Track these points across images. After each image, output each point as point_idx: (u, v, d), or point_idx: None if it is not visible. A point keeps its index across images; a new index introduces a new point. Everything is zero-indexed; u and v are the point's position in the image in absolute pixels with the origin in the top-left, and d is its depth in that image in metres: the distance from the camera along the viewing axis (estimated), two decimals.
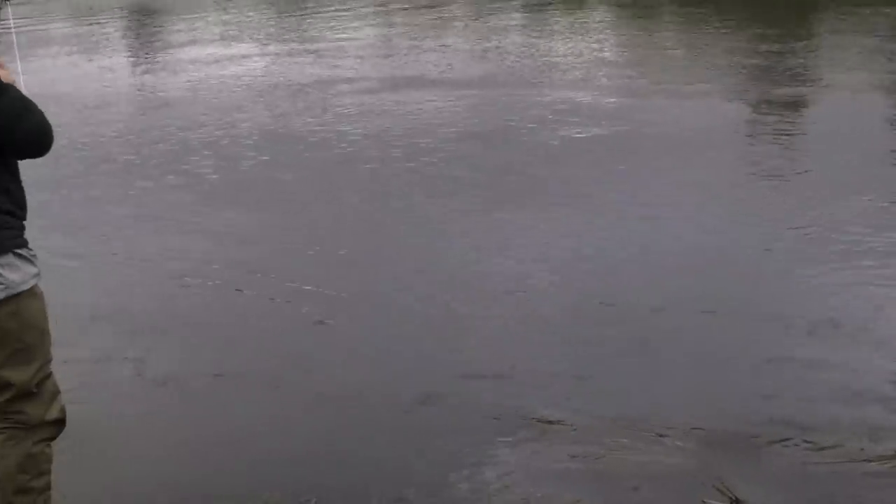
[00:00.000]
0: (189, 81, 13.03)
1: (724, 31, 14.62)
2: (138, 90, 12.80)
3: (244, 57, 14.82)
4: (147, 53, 15.97)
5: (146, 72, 14.21)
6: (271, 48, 15.63)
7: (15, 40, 3.45)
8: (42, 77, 12.37)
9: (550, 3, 18.89)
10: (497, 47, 14.31)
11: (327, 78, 12.67)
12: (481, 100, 10.76)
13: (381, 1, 20.69)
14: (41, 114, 3.11)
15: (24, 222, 3.21)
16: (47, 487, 3.23)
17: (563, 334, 5.08)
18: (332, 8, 20.45)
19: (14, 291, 3.09)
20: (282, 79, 12.79)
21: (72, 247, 6.40)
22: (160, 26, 19.87)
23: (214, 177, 8.39)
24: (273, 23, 19.11)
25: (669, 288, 5.54)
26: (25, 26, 18.62)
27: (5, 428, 3.19)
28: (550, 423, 4.12)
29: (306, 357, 5.02)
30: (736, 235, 6.34)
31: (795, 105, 9.94)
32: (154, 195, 7.96)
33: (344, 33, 16.84)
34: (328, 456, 4.02)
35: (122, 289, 6.03)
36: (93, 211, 7.43)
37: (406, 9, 19.58)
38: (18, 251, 3.13)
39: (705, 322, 5.14)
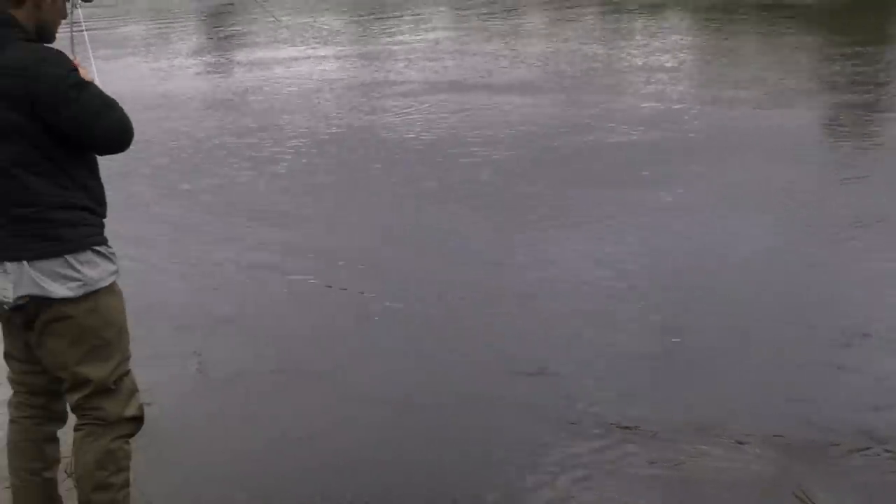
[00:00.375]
0: (241, 84, 13.03)
1: (791, 35, 14.44)
2: (187, 93, 12.77)
3: (294, 59, 14.82)
4: (203, 56, 15.97)
5: (199, 74, 14.22)
6: (322, 52, 15.59)
7: (87, 40, 3.40)
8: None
9: (628, 10, 18.63)
10: (544, 53, 14.19)
11: (373, 81, 12.63)
12: (517, 105, 10.64)
13: (460, 5, 20.55)
14: (121, 110, 3.05)
15: (104, 220, 3.16)
16: (126, 484, 3.17)
17: (622, 339, 4.95)
18: (407, 13, 20.28)
19: (92, 288, 3.04)
20: (330, 81, 12.77)
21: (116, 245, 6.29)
22: (227, 29, 19.79)
23: (253, 178, 8.35)
24: (340, 26, 19.00)
25: (715, 295, 5.44)
26: (93, 28, 18.71)
27: (84, 424, 3.14)
28: (629, 428, 4.02)
29: (356, 353, 4.97)
30: (787, 241, 6.22)
31: (860, 112, 9.70)
32: (196, 196, 7.93)
33: (402, 37, 16.79)
34: (392, 459, 3.94)
35: (170, 286, 6.00)
36: (136, 212, 7.41)
37: (482, 14, 19.36)
38: (97, 248, 3.08)
39: (762, 328, 5.01)
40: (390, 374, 4.71)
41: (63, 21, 3.24)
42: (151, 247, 6.63)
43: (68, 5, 3.48)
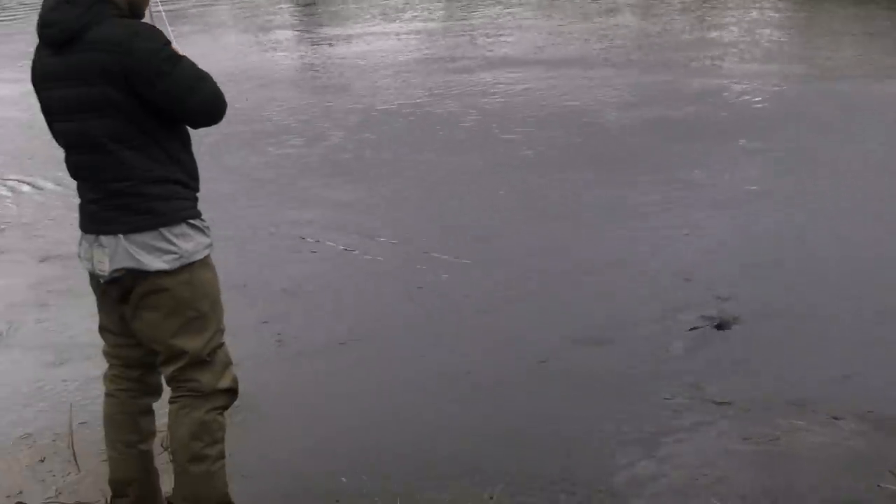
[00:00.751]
0: (302, 60, 12.96)
1: (881, 10, 13.98)
2: (248, 69, 12.66)
3: (357, 36, 14.71)
4: (270, 33, 15.87)
5: (265, 50, 14.14)
6: (385, 28, 15.46)
7: (164, 17, 3.30)
8: None
9: None
10: (604, 30, 13.92)
11: (430, 57, 12.48)
12: (567, 81, 10.41)
13: None
14: (214, 83, 2.99)
15: (197, 193, 3.10)
16: (221, 456, 3.11)
17: (696, 317, 4.77)
18: None
19: (187, 261, 2.99)
20: (388, 57, 12.63)
21: None
22: (309, 6, 19.55)
23: (306, 153, 8.28)
24: (407, 3, 18.73)
25: (775, 273, 5.27)
26: (173, 4, 18.64)
27: (178, 397, 3.09)
28: (722, 403, 3.88)
29: (430, 322, 4.89)
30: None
31: None
32: (250, 171, 7.84)
33: (464, 13, 16.56)
34: (483, 435, 3.81)
35: (240, 259, 5.91)
36: None
37: None
38: (192, 221, 3.03)
39: (827, 304, 4.83)
40: (470, 348, 4.61)
41: None
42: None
43: None
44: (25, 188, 7.76)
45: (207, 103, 2.98)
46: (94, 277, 3.08)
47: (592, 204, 6.56)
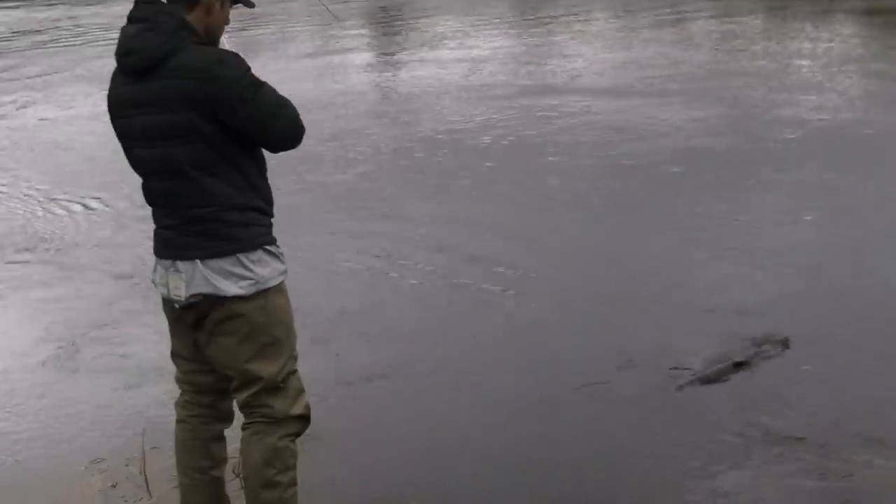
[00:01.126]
0: (347, 86, 12.89)
1: None
2: (294, 95, 12.56)
3: (415, 61, 14.63)
4: (321, 58, 15.81)
5: (317, 77, 14.07)
6: (428, 55, 15.39)
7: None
8: None
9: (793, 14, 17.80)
10: (643, 60, 13.77)
11: (467, 85, 12.33)
12: (601, 110, 10.27)
13: (631, 8, 20.04)
14: (294, 109, 2.94)
15: (272, 219, 3.02)
16: (293, 483, 3.03)
17: (744, 345, 4.61)
18: (567, 14, 19.67)
19: (263, 287, 2.92)
20: (425, 85, 12.50)
21: None
22: (386, 25, 19.36)
23: (346, 178, 8.17)
24: (450, 31, 18.65)
25: (826, 304, 5.07)
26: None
27: (251, 423, 3.03)
28: (798, 439, 3.71)
29: (480, 346, 4.79)
30: None
31: None
32: (287, 196, 7.64)
33: (522, 40, 16.42)
34: (543, 463, 3.69)
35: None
36: None
37: (648, 19, 18.61)
38: (268, 247, 2.96)
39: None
40: (526, 374, 4.50)
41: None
42: None
43: None
44: (94, 204, 7.73)
45: (289, 130, 2.94)
46: (167, 303, 3.01)
47: (624, 233, 6.38)
